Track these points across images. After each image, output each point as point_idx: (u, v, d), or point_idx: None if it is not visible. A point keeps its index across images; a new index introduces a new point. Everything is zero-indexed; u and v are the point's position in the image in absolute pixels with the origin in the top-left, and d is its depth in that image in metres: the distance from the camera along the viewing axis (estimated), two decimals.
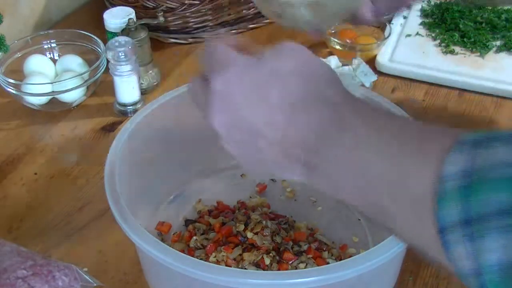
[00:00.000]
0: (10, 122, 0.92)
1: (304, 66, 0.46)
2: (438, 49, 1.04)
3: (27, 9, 1.13)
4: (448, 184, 0.34)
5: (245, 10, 1.09)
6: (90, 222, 0.75)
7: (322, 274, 0.49)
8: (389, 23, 1.08)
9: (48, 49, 0.99)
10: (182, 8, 1.03)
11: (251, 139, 0.45)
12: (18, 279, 0.59)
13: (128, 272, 0.68)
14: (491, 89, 0.95)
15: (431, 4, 1.16)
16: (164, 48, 1.07)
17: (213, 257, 0.65)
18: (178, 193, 0.77)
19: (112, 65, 0.88)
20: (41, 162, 0.85)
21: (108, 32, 0.96)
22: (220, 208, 0.74)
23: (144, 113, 0.68)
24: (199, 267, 0.50)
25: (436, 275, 0.67)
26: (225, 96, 0.45)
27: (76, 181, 0.81)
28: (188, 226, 0.71)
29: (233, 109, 0.45)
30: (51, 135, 0.90)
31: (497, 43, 1.05)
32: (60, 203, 0.78)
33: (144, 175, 0.71)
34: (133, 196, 0.63)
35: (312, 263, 0.65)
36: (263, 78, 0.45)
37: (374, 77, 0.92)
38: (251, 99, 0.45)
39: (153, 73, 0.98)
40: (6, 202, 0.78)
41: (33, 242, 0.72)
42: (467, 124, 0.90)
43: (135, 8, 0.98)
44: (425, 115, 0.92)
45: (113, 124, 0.92)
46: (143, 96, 0.94)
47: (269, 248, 0.65)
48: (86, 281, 0.63)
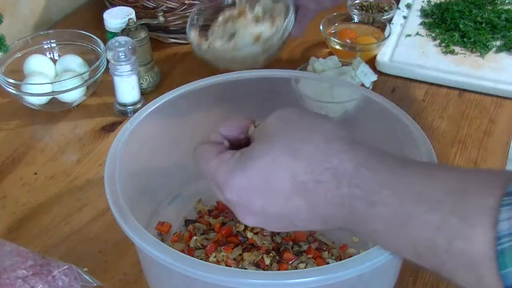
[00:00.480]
0: (10, 122, 0.92)
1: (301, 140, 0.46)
2: (438, 49, 1.04)
3: (27, 9, 1.13)
4: (506, 243, 0.35)
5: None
6: (90, 222, 0.75)
7: (322, 274, 0.49)
8: (389, 23, 1.08)
9: (48, 49, 0.99)
10: (182, 8, 1.03)
11: (289, 223, 0.47)
12: (18, 279, 0.59)
13: (128, 272, 0.68)
14: (491, 89, 0.95)
15: (431, 4, 1.16)
16: (164, 48, 1.07)
17: (213, 257, 0.65)
18: (178, 193, 0.77)
19: (112, 65, 0.88)
20: (41, 162, 0.85)
21: (108, 32, 0.96)
22: (220, 208, 0.74)
23: (144, 113, 0.68)
24: (199, 267, 0.50)
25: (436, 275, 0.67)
26: (242, 202, 0.47)
27: (76, 181, 0.81)
28: (188, 226, 0.71)
29: (257, 211, 0.47)
30: (51, 135, 0.90)
31: (497, 43, 1.05)
32: (60, 203, 0.78)
33: (144, 175, 0.71)
34: (133, 196, 0.63)
35: (312, 263, 0.65)
36: (268, 171, 0.45)
37: (374, 77, 0.92)
38: (266, 195, 0.46)
39: (153, 73, 0.98)
40: (6, 202, 0.78)
41: (33, 242, 0.72)
42: (467, 124, 0.90)
43: (135, 8, 0.98)
44: (425, 115, 0.92)
45: (113, 124, 0.92)
46: (143, 96, 0.94)
47: (269, 248, 0.65)
48: (86, 281, 0.63)
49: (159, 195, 0.75)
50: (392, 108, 0.67)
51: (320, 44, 1.07)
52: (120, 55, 0.87)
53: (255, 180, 0.46)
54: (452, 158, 0.84)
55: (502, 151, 0.85)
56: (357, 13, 1.10)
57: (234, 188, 0.47)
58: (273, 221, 0.47)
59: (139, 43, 0.93)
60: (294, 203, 0.45)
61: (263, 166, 0.45)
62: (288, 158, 0.45)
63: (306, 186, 0.44)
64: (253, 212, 0.47)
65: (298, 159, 0.45)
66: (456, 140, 0.87)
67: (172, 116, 0.72)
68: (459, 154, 0.85)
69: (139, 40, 0.93)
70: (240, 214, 0.48)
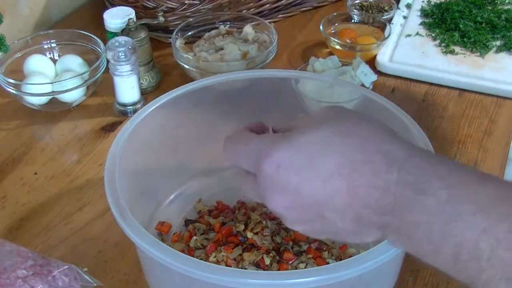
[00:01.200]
0: (10, 122, 0.92)
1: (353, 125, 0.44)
2: (438, 49, 1.04)
3: (27, 9, 1.13)
4: None
5: (245, 10, 1.09)
6: (90, 222, 0.75)
7: (322, 274, 0.49)
8: (389, 23, 1.08)
9: (48, 49, 0.99)
10: (182, 8, 1.03)
11: (317, 214, 0.44)
12: (18, 279, 0.59)
13: (128, 272, 0.68)
14: (491, 89, 0.95)
15: (431, 4, 1.16)
16: (164, 48, 1.07)
17: (213, 257, 0.65)
18: (178, 193, 0.77)
19: (112, 65, 0.88)
20: (41, 162, 0.85)
21: (108, 32, 0.96)
22: (220, 208, 0.74)
23: (144, 113, 0.68)
24: (199, 267, 0.50)
25: (436, 275, 0.67)
26: (278, 178, 0.44)
27: (76, 181, 0.81)
28: (188, 226, 0.71)
29: (291, 189, 0.44)
30: (51, 135, 0.90)
31: (497, 43, 1.05)
32: (60, 203, 0.78)
33: (144, 175, 0.71)
34: (133, 196, 0.63)
35: (312, 263, 0.65)
36: (314, 148, 0.43)
37: (374, 77, 0.92)
38: (306, 173, 0.43)
39: (153, 73, 0.98)
40: (6, 202, 0.78)
41: (33, 242, 0.72)
42: (467, 124, 0.90)
43: (135, 8, 0.98)
44: (425, 115, 0.92)
45: (113, 124, 0.92)
46: (143, 96, 0.94)
47: (269, 248, 0.65)
48: (86, 281, 0.63)
49: (159, 195, 0.75)
50: (392, 108, 0.67)
51: (320, 44, 1.07)
52: (120, 55, 0.87)
53: (299, 156, 0.43)
54: (452, 158, 0.84)
55: (502, 151, 0.85)
56: (357, 13, 1.10)
57: (274, 160, 0.44)
58: (302, 206, 0.44)
59: (139, 43, 0.93)
60: (334, 186, 0.42)
61: (311, 142, 0.43)
62: (340, 137, 0.43)
63: (353, 165, 0.42)
64: (285, 190, 0.44)
65: (350, 137, 0.43)
66: (456, 140, 0.87)
67: (172, 116, 0.72)
68: (459, 154, 0.85)
69: (139, 40, 0.93)
70: (269, 192, 0.45)
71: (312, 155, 0.43)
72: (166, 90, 0.71)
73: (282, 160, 0.44)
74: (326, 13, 1.11)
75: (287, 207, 0.45)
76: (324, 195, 0.43)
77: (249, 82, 0.78)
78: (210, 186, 0.78)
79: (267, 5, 1.12)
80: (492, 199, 0.38)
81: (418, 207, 0.40)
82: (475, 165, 0.82)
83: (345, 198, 0.42)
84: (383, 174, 0.41)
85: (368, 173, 0.41)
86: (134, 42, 0.89)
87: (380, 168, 0.41)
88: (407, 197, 0.40)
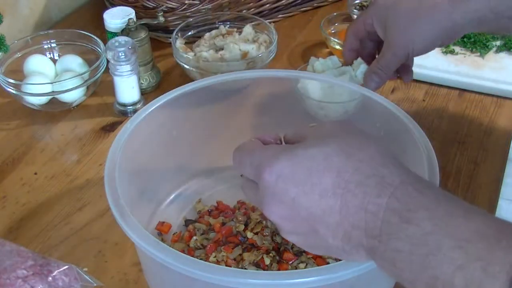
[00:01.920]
0: (10, 122, 0.92)
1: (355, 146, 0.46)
2: (438, 49, 1.04)
3: (27, 9, 1.13)
4: None
5: (245, 10, 1.09)
6: (90, 222, 0.75)
7: (322, 274, 0.49)
8: None
9: (48, 49, 0.99)
10: (182, 8, 1.04)
11: (311, 228, 0.46)
12: (18, 279, 0.59)
13: (128, 272, 0.68)
14: (491, 89, 0.95)
15: None
16: (164, 48, 1.07)
17: (213, 257, 0.65)
18: (178, 193, 0.77)
19: (112, 65, 0.88)
20: (41, 162, 0.85)
21: (108, 32, 0.96)
22: (220, 208, 0.74)
23: (144, 113, 0.68)
24: (199, 267, 0.50)
25: None
26: (277, 188, 0.46)
27: (76, 181, 0.81)
28: (188, 226, 0.71)
29: (288, 199, 0.45)
30: (51, 135, 0.90)
31: (497, 43, 1.05)
32: (60, 203, 0.78)
33: (144, 175, 0.71)
34: (133, 196, 0.63)
35: (312, 263, 0.65)
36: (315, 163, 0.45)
37: None
38: (304, 186, 0.45)
39: (153, 73, 0.99)
40: (6, 202, 0.78)
41: (33, 242, 0.72)
42: (467, 124, 0.90)
43: (135, 8, 0.98)
44: (425, 115, 0.92)
45: (113, 124, 0.92)
46: (143, 96, 0.94)
47: (269, 248, 0.65)
48: (86, 281, 0.63)
49: (159, 195, 0.75)
50: (392, 108, 0.67)
51: (320, 44, 1.07)
52: (120, 55, 0.87)
53: (299, 169, 0.45)
54: (452, 158, 0.84)
55: (502, 151, 0.85)
56: (357, 13, 1.10)
57: (274, 171, 0.46)
58: (297, 218, 0.46)
59: (139, 43, 0.93)
60: (328, 202, 0.44)
61: (312, 157, 0.45)
62: (340, 158, 0.45)
63: (348, 185, 0.43)
64: (283, 200, 0.46)
65: (349, 160, 0.44)
66: (456, 140, 0.87)
67: (172, 116, 0.72)
68: (459, 154, 0.85)
69: (139, 40, 0.93)
70: (266, 201, 0.47)
71: (312, 170, 0.45)
72: (166, 90, 0.71)
73: (282, 171, 0.46)
74: (326, 13, 1.11)
75: (283, 218, 0.47)
76: (319, 210, 0.44)
77: (249, 82, 0.78)
78: (210, 186, 0.78)
79: (267, 5, 1.12)
80: (473, 235, 0.39)
81: (401, 235, 0.41)
82: (475, 165, 0.82)
83: (337, 216, 0.44)
84: (374, 198, 0.43)
85: (361, 195, 0.43)
86: (134, 42, 0.89)
87: (372, 192, 0.43)
88: (393, 224, 0.41)
